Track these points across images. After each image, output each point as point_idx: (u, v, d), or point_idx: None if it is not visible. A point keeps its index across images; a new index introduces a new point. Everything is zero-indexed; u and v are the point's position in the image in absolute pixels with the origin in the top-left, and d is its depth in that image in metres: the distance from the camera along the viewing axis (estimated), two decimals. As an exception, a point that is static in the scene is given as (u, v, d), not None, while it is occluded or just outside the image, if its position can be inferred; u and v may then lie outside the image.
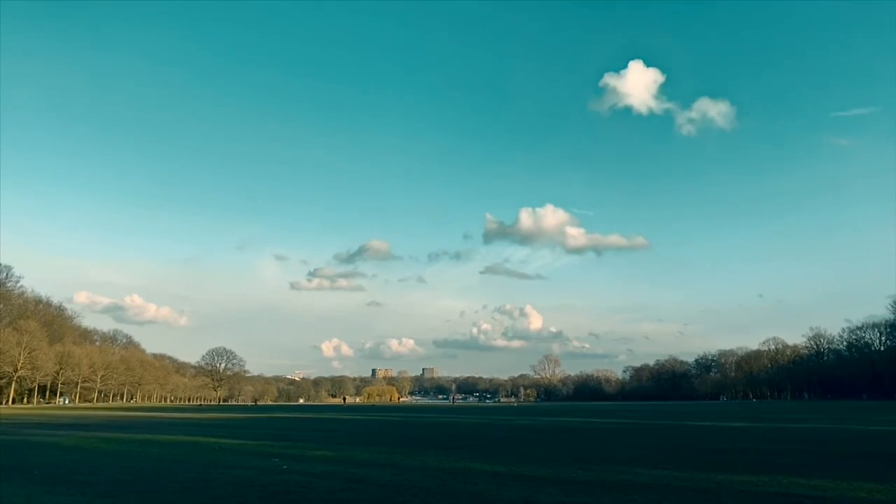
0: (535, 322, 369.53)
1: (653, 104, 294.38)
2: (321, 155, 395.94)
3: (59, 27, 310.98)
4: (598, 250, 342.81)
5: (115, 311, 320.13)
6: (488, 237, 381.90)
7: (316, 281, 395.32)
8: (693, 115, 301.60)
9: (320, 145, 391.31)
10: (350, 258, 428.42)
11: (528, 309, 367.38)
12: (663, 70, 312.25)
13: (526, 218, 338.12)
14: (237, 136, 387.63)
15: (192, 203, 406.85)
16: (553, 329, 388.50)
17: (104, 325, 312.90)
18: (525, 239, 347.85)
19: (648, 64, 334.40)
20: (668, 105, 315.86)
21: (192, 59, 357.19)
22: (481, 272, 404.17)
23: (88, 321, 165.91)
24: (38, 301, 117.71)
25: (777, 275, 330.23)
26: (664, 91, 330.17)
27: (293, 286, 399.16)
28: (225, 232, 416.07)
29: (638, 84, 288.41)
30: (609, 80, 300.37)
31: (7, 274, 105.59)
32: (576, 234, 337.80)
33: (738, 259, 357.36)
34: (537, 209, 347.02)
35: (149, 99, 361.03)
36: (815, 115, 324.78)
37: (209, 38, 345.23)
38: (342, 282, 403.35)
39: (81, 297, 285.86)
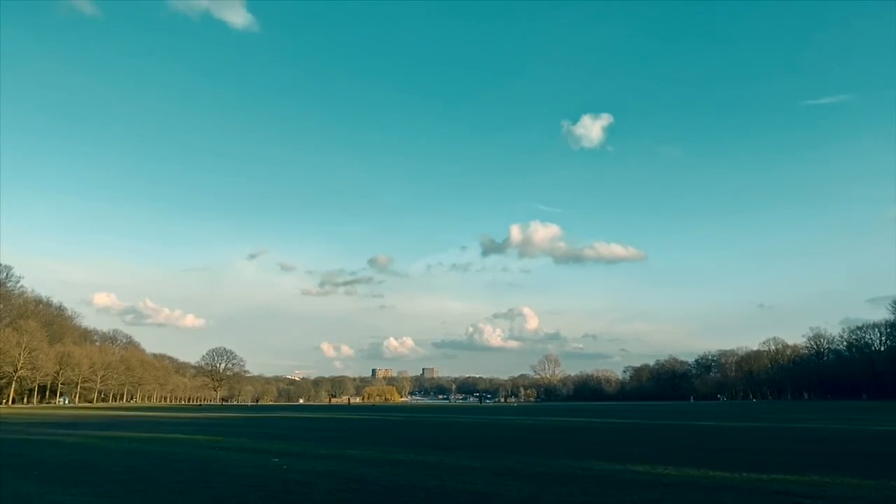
0: (532, 323, 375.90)
1: (607, 145, 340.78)
2: (333, 172, 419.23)
3: (66, 28, 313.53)
4: (581, 260, 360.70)
5: (128, 313, 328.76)
6: (485, 248, 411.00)
7: (321, 288, 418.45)
8: (643, 149, 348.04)
9: (332, 162, 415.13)
10: (354, 270, 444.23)
11: (525, 311, 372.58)
12: (614, 114, 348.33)
13: (517, 232, 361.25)
14: (251, 148, 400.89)
15: (209, 212, 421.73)
16: (549, 331, 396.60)
17: (120, 327, 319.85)
18: (518, 250, 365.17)
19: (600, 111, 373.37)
20: (618, 144, 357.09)
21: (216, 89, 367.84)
22: (479, 277, 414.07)
23: (102, 323, 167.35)
24: (38, 301, 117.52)
25: (761, 279, 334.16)
26: (613, 132, 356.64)
27: (303, 292, 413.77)
28: (238, 241, 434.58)
29: (592, 128, 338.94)
30: (566, 125, 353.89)
31: (7, 274, 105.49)
32: (563, 246, 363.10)
33: (724, 264, 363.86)
34: (530, 223, 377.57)
35: (170, 112, 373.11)
36: (781, 110, 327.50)
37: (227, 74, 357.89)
38: (346, 288, 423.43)
39: (98, 300, 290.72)
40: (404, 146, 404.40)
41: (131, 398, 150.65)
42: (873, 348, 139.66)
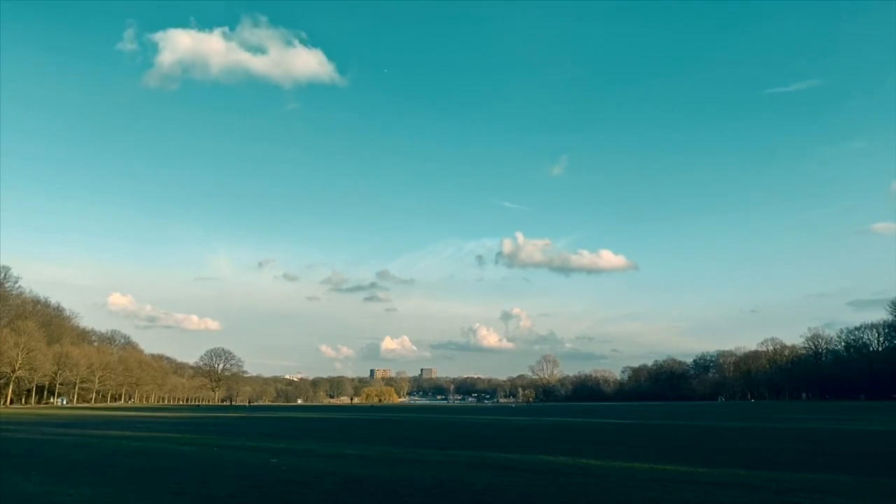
0: (527, 325, 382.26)
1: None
2: (336, 181, 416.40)
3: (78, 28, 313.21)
4: (574, 269, 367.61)
5: (138, 317, 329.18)
6: (481, 256, 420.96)
7: (325, 293, 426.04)
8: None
9: (336, 170, 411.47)
10: (356, 275, 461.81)
11: (520, 313, 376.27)
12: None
13: (509, 244, 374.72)
14: (258, 159, 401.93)
15: (217, 220, 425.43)
16: (543, 332, 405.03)
17: (131, 331, 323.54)
18: (511, 259, 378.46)
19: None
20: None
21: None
22: (476, 283, 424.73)
23: (115, 327, 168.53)
24: (36, 301, 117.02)
25: (744, 283, 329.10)
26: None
27: (308, 298, 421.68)
28: (246, 249, 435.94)
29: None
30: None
31: (5, 274, 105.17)
32: (556, 255, 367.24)
33: (709, 269, 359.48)
34: (525, 233, 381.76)
35: (181, 122, 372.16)
36: (743, 97, 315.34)
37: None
38: (348, 293, 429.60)
39: (112, 304, 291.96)
40: (405, 155, 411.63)
41: (129, 398, 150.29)
42: (871, 349, 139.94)
